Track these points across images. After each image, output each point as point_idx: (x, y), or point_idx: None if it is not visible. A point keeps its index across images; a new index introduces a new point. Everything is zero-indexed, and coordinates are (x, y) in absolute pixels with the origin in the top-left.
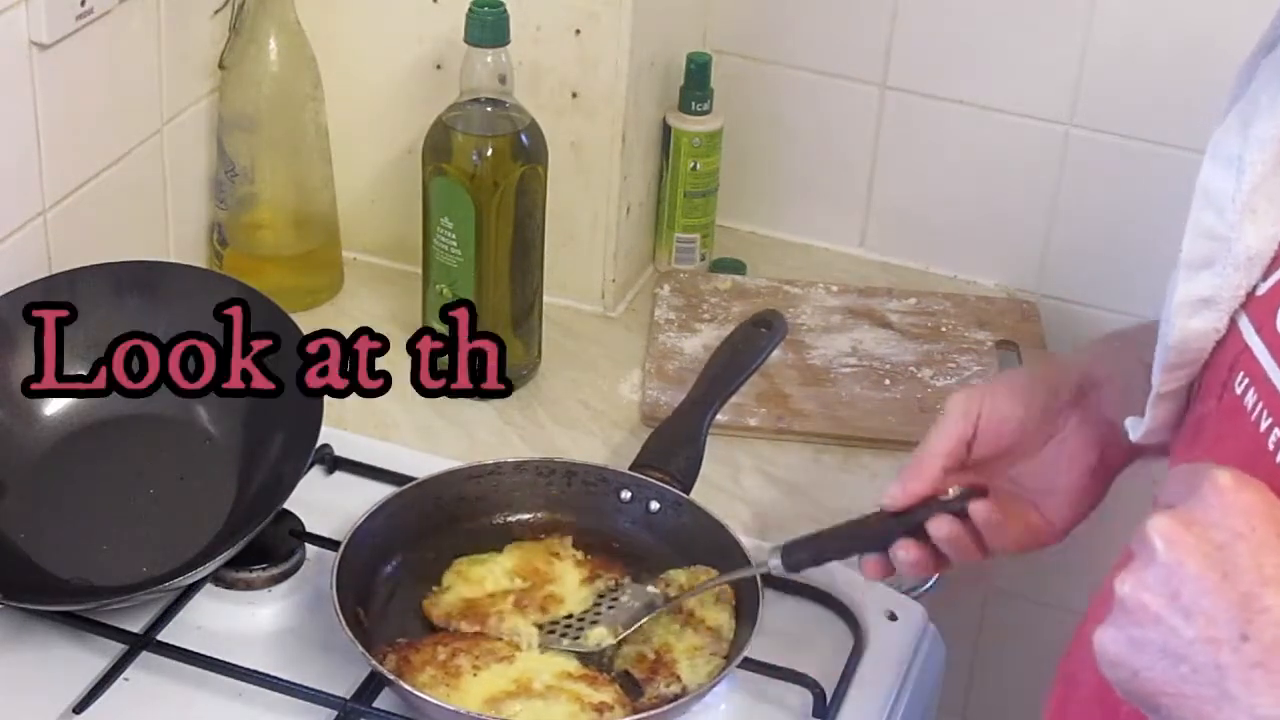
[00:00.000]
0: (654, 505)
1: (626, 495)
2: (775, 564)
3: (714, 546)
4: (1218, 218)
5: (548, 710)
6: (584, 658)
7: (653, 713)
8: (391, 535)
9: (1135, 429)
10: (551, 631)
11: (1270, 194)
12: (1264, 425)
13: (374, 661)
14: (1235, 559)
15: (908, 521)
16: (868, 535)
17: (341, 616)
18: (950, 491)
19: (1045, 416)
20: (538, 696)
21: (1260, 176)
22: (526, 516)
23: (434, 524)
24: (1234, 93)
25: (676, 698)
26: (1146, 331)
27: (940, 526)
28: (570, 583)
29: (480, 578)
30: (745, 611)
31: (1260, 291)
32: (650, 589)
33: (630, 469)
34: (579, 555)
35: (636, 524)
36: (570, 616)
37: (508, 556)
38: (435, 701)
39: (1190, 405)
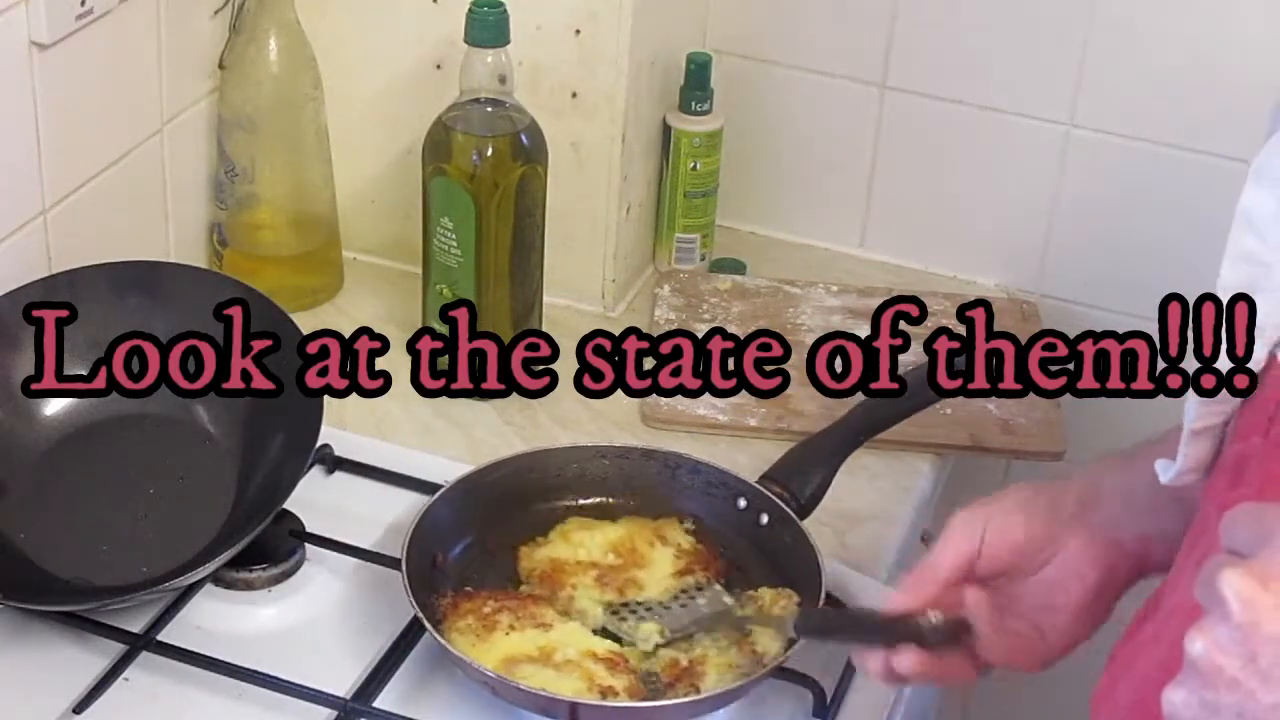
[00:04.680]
0: (764, 519)
1: (743, 503)
2: (789, 626)
3: (800, 572)
4: (1259, 242)
5: (556, 681)
6: (625, 643)
7: (649, 704)
8: (506, 491)
9: (1166, 471)
10: (616, 612)
11: None
12: None
13: (414, 606)
14: None
15: (906, 630)
16: (879, 630)
17: (405, 555)
18: (932, 617)
19: (1047, 533)
20: (552, 667)
21: None
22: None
23: (553, 490)
24: (1275, 117)
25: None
26: (1148, 450)
27: (904, 660)
28: (659, 572)
29: (581, 542)
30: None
31: None
32: (728, 600)
33: (759, 480)
34: (686, 544)
35: (744, 534)
36: (642, 603)
37: (618, 528)
38: (456, 653)
39: (1227, 443)
